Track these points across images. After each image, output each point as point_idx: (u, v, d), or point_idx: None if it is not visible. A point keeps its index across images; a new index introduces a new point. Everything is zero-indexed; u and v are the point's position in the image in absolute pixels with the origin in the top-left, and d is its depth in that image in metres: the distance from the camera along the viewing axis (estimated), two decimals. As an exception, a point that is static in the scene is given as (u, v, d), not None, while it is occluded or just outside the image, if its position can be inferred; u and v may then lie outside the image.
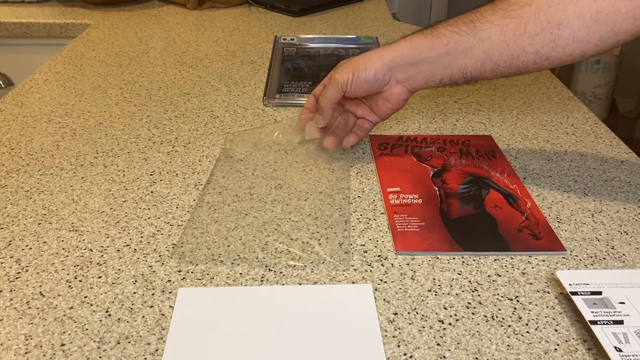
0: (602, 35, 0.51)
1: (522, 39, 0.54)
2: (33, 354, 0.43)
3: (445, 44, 0.57)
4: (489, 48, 0.55)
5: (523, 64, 0.55)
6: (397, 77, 0.61)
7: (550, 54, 0.53)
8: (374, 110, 0.66)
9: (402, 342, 0.44)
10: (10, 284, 0.49)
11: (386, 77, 0.61)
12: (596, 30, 0.51)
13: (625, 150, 0.71)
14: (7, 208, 0.59)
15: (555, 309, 0.47)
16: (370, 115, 0.67)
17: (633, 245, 0.54)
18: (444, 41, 0.57)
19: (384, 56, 0.60)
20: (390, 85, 0.62)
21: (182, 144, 0.72)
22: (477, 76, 0.58)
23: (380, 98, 0.63)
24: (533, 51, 0.54)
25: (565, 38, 0.52)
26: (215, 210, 0.59)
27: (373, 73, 0.60)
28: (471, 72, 0.57)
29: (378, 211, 0.59)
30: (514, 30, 0.54)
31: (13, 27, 1.23)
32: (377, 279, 0.50)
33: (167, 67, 0.98)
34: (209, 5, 1.35)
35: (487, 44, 0.55)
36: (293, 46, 1.07)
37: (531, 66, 0.55)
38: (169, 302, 0.47)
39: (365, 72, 0.60)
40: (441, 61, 0.58)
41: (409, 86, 0.61)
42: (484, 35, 0.55)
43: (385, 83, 0.61)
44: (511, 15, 0.54)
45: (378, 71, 0.60)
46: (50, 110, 0.81)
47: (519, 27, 0.54)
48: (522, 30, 0.53)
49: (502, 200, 0.60)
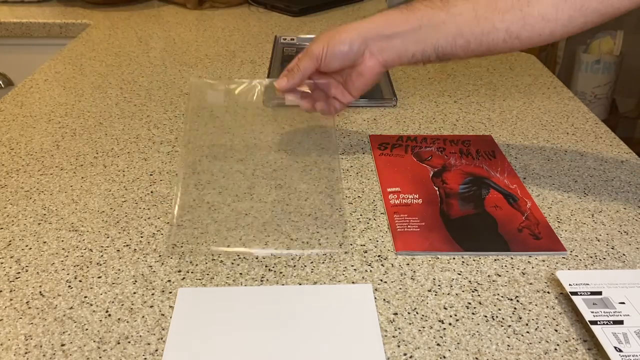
0: (570, 15, 0.52)
1: (492, 15, 0.55)
2: (33, 354, 0.43)
3: (419, 18, 0.58)
4: (460, 23, 0.56)
5: (493, 41, 0.56)
6: (371, 49, 0.61)
7: (520, 32, 0.54)
8: (348, 87, 0.65)
9: (402, 342, 0.44)
10: (10, 284, 0.49)
11: (360, 49, 0.61)
12: (564, 9, 0.52)
13: (625, 150, 0.71)
14: (7, 208, 0.59)
15: (555, 309, 0.47)
16: (342, 95, 0.66)
17: (633, 245, 0.54)
18: (417, 15, 0.58)
19: (358, 27, 0.61)
20: (365, 57, 0.61)
21: (182, 144, 0.72)
22: (448, 52, 0.58)
23: (354, 72, 0.63)
24: (503, 28, 0.55)
25: (535, 16, 0.53)
26: (215, 210, 0.59)
27: (348, 44, 0.60)
28: (443, 47, 0.58)
29: (378, 211, 0.59)
30: (485, 7, 0.55)
31: (13, 27, 1.23)
32: (377, 279, 0.50)
33: (167, 67, 0.98)
34: (209, 5, 1.35)
35: (459, 20, 0.56)
36: (293, 46, 1.07)
37: (501, 44, 0.56)
38: (169, 302, 0.47)
39: (340, 43, 0.61)
40: (414, 35, 0.59)
41: (382, 59, 0.61)
42: (457, 11, 0.56)
43: (360, 55, 0.61)
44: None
45: (353, 41, 0.60)
46: (50, 110, 0.81)
47: (490, 3, 0.55)
48: (494, 7, 0.55)
49: (502, 200, 0.60)
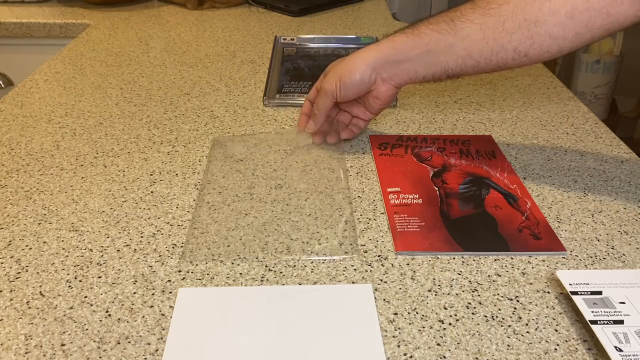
0: (577, 32, 0.53)
1: (500, 37, 0.55)
2: (33, 354, 0.43)
3: (427, 43, 0.59)
4: (468, 45, 0.57)
5: (502, 60, 0.56)
6: (382, 75, 0.63)
7: (528, 50, 0.55)
8: (367, 108, 0.69)
9: (402, 342, 0.44)
10: (10, 284, 0.49)
11: (372, 77, 0.63)
12: (571, 26, 0.53)
13: (625, 150, 0.71)
14: (7, 208, 0.59)
15: (556, 309, 0.47)
16: (364, 114, 0.70)
17: (633, 245, 0.54)
18: (424, 40, 0.59)
19: (366, 58, 0.62)
20: (377, 84, 0.64)
21: (182, 144, 0.72)
22: (458, 72, 0.59)
23: (370, 96, 0.66)
24: (511, 48, 0.55)
25: (542, 35, 0.54)
26: (215, 210, 0.59)
27: (358, 76, 0.63)
28: (452, 68, 0.59)
29: (378, 211, 0.59)
30: (493, 28, 0.55)
31: (13, 27, 1.23)
32: (377, 279, 0.50)
33: (167, 67, 0.98)
34: (209, 5, 1.35)
35: (467, 42, 0.57)
36: (293, 46, 1.07)
37: (510, 62, 0.57)
38: (169, 302, 0.47)
39: (351, 77, 0.63)
40: (423, 59, 0.60)
41: (394, 83, 0.63)
42: (464, 34, 0.57)
43: (372, 83, 0.63)
44: (490, 14, 0.55)
45: (363, 73, 0.62)
46: (50, 110, 0.81)
47: (498, 25, 0.55)
48: (501, 28, 0.55)
49: (502, 200, 0.60)
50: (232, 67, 0.98)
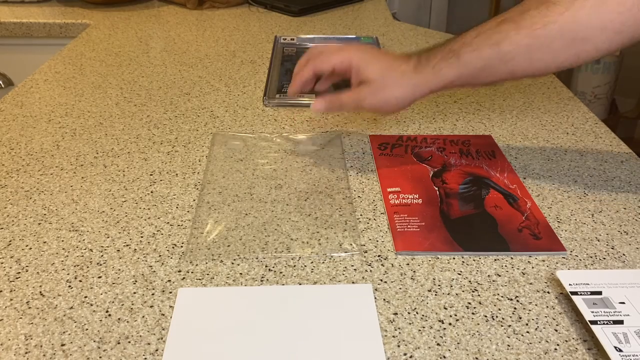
0: (623, 44, 0.53)
1: (546, 57, 0.54)
2: (33, 354, 0.43)
3: (471, 71, 0.57)
4: (513, 68, 0.56)
5: (540, 73, 0.56)
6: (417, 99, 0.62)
7: (570, 65, 0.55)
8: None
9: (402, 342, 0.44)
10: (10, 284, 0.49)
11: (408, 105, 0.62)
12: (618, 41, 0.52)
13: (625, 150, 0.71)
14: (7, 208, 0.59)
15: (555, 309, 0.47)
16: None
17: (633, 245, 0.54)
18: (470, 69, 0.57)
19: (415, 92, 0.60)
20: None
21: (182, 144, 0.72)
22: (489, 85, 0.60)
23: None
24: (555, 66, 0.55)
25: (589, 51, 0.53)
26: (215, 210, 0.59)
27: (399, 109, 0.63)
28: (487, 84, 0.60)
29: (378, 211, 0.59)
30: (539, 49, 0.54)
31: (13, 27, 1.23)
32: (377, 279, 0.50)
33: (167, 67, 0.98)
34: (209, 5, 1.35)
35: (511, 65, 0.56)
36: (293, 46, 1.07)
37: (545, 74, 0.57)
38: (169, 302, 0.47)
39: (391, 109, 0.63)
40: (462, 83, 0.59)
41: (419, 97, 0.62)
42: (509, 57, 0.55)
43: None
44: (536, 35, 0.53)
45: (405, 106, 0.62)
46: (50, 110, 0.81)
47: (544, 46, 0.53)
48: (548, 49, 0.54)
49: (502, 200, 0.60)
50: (232, 67, 0.98)
